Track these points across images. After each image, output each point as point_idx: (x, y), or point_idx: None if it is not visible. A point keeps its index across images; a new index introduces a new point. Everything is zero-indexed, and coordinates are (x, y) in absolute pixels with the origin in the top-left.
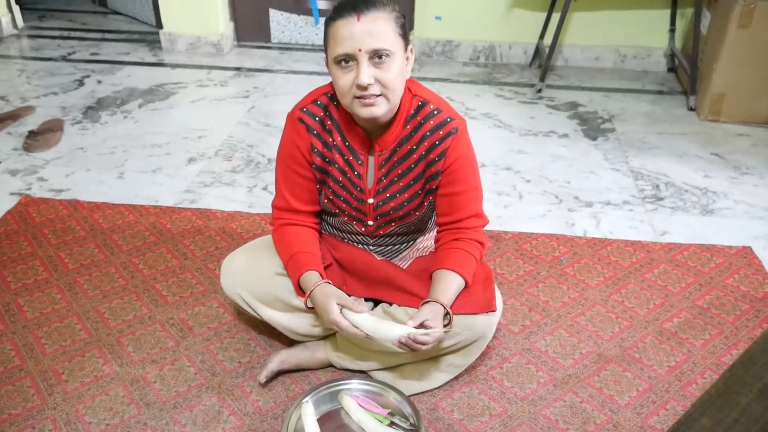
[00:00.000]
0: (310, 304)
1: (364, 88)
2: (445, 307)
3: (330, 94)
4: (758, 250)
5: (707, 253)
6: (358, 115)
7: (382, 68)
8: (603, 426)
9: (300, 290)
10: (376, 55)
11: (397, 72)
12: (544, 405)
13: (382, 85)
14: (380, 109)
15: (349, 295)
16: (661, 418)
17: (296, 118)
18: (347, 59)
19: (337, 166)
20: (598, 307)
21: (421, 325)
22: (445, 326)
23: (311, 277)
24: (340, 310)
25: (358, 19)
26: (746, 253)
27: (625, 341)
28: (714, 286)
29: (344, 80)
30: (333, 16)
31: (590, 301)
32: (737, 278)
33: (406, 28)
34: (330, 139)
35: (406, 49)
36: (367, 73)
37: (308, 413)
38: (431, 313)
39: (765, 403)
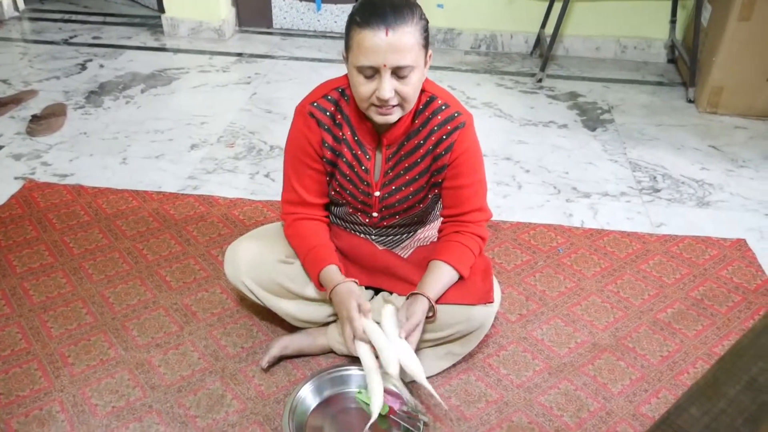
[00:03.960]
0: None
1: (385, 101)
2: (429, 300)
3: (341, 89)
4: (752, 243)
5: (702, 245)
6: (371, 119)
7: (404, 82)
8: (596, 413)
9: (317, 282)
10: (399, 70)
11: (416, 83)
12: (540, 392)
13: (401, 97)
14: (395, 117)
15: None
16: (653, 407)
17: (307, 113)
18: (370, 70)
19: (345, 159)
20: (594, 297)
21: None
22: (429, 317)
23: (335, 272)
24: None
25: (387, 34)
26: (740, 245)
27: (619, 331)
28: (708, 277)
29: (365, 89)
30: (360, 23)
31: (586, 291)
32: (731, 270)
33: (428, 31)
34: (340, 134)
35: (426, 56)
36: (389, 87)
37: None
38: (413, 326)
39: (751, 395)
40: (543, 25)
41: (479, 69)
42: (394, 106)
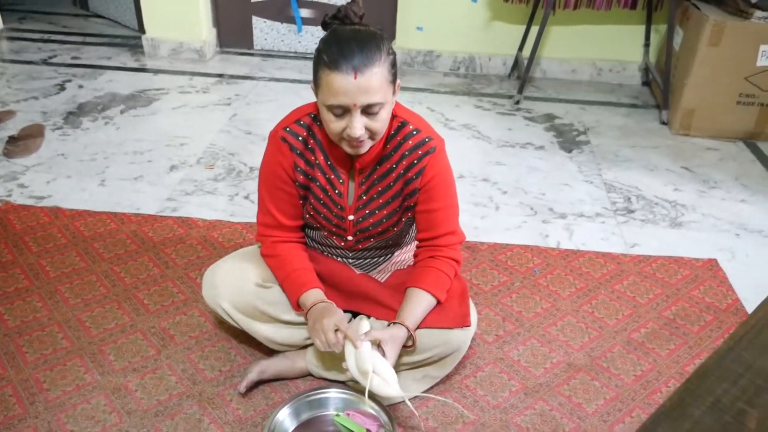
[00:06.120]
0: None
1: (355, 138)
2: (409, 330)
3: (313, 114)
4: (723, 263)
5: (675, 265)
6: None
7: (373, 118)
8: None
9: (296, 303)
10: (369, 108)
11: (386, 118)
12: (516, 413)
13: (372, 131)
14: (366, 148)
15: None
16: (627, 426)
17: (279, 138)
18: (340, 109)
19: (318, 184)
20: (569, 318)
21: (379, 346)
22: (409, 347)
23: (317, 294)
24: (336, 330)
25: (355, 77)
26: (712, 265)
27: (594, 351)
28: (680, 297)
29: (336, 126)
30: (329, 63)
31: (562, 312)
32: (702, 290)
33: (396, 66)
34: (313, 158)
35: (395, 87)
36: (359, 125)
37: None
38: (391, 337)
39: (716, 416)
40: (520, 48)
41: (458, 91)
42: (364, 139)
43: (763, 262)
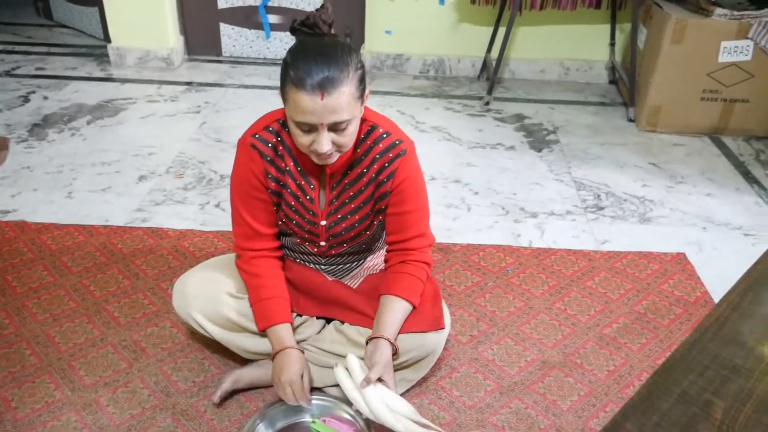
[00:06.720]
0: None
1: (323, 153)
2: (392, 343)
3: (282, 120)
4: (691, 256)
5: (644, 260)
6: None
7: (341, 134)
8: (547, 430)
9: (261, 329)
10: (337, 125)
11: (353, 132)
12: (491, 412)
13: (339, 145)
14: (334, 159)
15: (300, 315)
16: (601, 421)
17: (248, 145)
18: (307, 126)
19: (290, 191)
20: (543, 316)
21: (380, 380)
22: (392, 356)
23: (286, 333)
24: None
25: (322, 98)
26: (680, 259)
27: (567, 348)
28: (650, 291)
29: (304, 140)
30: (295, 81)
31: (535, 310)
32: (672, 283)
33: (364, 77)
34: (283, 165)
35: (363, 97)
36: (326, 142)
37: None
38: (385, 366)
39: (683, 407)
40: (489, 50)
41: (428, 93)
42: (332, 153)
43: (730, 254)
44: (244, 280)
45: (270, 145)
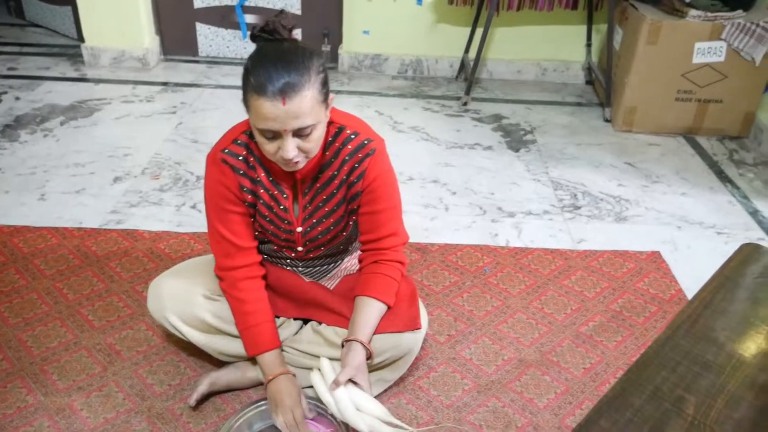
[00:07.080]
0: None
1: (289, 160)
2: (365, 345)
3: (248, 132)
4: (666, 255)
5: (620, 258)
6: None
7: (306, 139)
8: (524, 428)
9: (251, 355)
10: (301, 130)
11: (319, 137)
12: (469, 411)
13: (305, 151)
14: (301, 165)
15: (278, 317)
16: (577, 418)
17: (219, 160)
18: (271, 133)
19: (263, 201)
20: (520, 314)
21: (353, 382)
22: (367, 359)
23: (275, 359)
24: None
25: (284, 104)
26: (655, 257)
27: (544, 346)
28: (626, 290)
29: (269, 147)
30: (256, 87)
31: (512, 309)
32: (647, 282)
33: (327, 80)
34: (255, 176)
35: (327, 101)
36: (291, 148)
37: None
38: (358, 368)
39: (656, 404)
40: (467, 50)
41: (406, 93)
42: (299, 159)
43: (703, 252)
44: (230, 304)
45: (241, 158)
